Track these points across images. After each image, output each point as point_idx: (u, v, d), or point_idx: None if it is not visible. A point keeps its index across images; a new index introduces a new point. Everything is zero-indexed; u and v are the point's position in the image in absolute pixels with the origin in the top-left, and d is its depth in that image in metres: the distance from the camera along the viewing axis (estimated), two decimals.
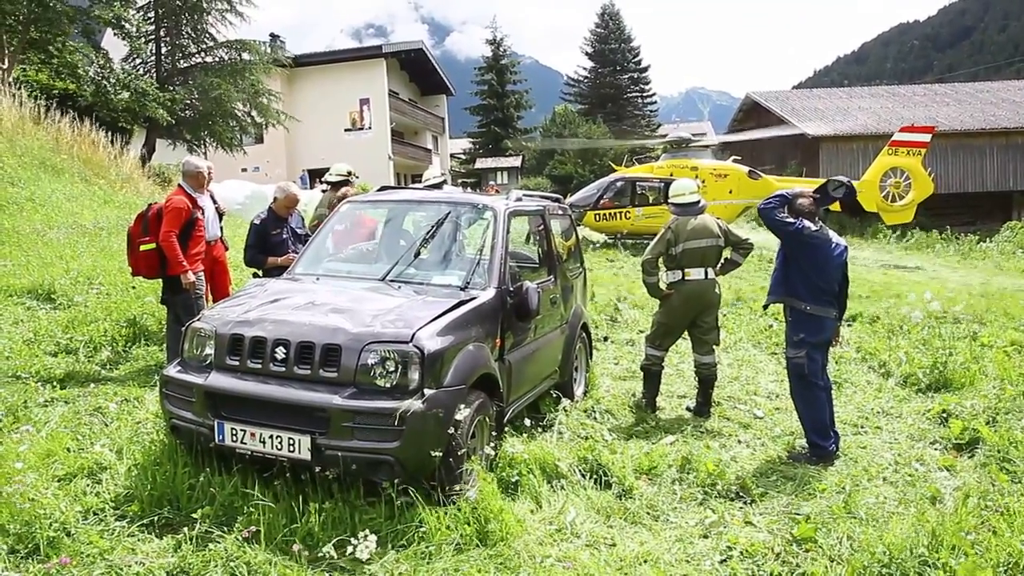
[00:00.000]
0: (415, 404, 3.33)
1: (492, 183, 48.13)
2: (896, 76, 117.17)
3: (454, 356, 3.65)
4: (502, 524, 3.34)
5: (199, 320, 3.90)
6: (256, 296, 4.11)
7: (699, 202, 5.67)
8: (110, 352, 5.98)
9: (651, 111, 59.01)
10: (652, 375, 5.75)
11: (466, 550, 3.19)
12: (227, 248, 6.28)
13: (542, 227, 5.45)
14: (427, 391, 3.42)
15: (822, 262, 4.73)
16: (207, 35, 21.59)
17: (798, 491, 4.20)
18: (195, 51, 21.68)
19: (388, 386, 3.42)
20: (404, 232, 5.29)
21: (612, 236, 18.14)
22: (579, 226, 14.06)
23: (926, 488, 4.21)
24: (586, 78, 57.98)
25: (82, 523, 3.27)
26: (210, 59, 21.75)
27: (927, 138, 18.25)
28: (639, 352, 6.73)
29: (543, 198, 5.87)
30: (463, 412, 3.53)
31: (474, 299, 4.07)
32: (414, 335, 3.50)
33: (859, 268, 15.68)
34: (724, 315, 8.77)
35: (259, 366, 3.56)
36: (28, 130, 14.05)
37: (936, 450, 4.96)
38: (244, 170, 28.30)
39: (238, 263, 6.72)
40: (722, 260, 5.74)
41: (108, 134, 16.73)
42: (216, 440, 3.51)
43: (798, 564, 3.35)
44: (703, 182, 16.21)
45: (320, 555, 3.07)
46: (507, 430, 4.47)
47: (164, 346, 5.90)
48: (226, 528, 3.22)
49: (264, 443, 3.42)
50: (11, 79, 15.41)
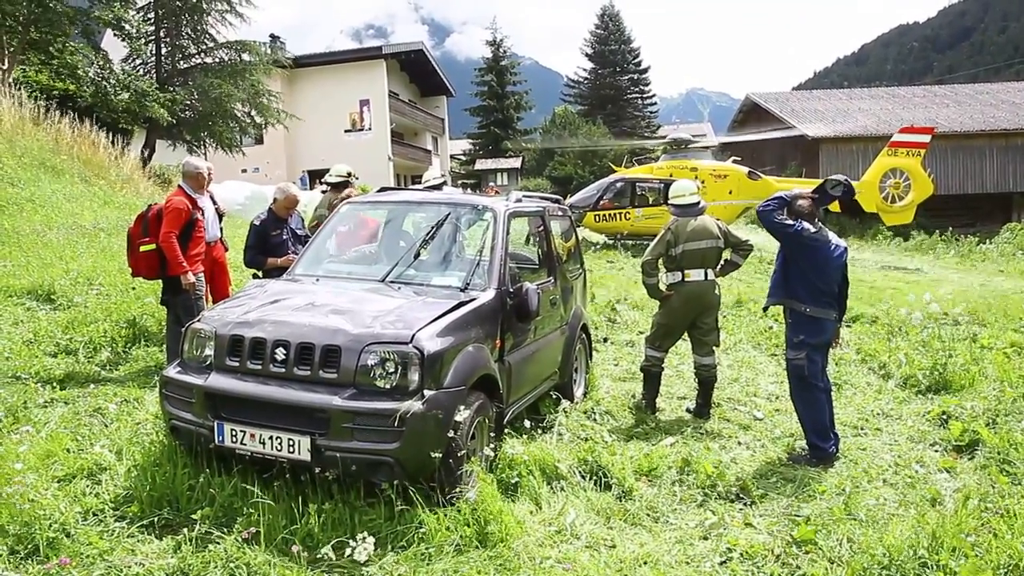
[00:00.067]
0: (415, 405, 3.33)
1: (492, 184, 48.14)
2: (896, 77, 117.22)
3: (454, 357, 3.65)
4: (502, 525, 3.34)
5: (199, 321, 3.90)
6: (256, 297, 4.11)
7: (699, 203, 5.67)
8: (110, 353, 5.99)
9: (651, 112, 59.13)
10: (652, 376, 5.75)
11: (466, 551, 3.19)
12: (227, 249, 6.28)
13: (542, 228, 5.45)
14: (427, 392, 3.42)
15: (822, 264, 4.72)
16: (207, 36, 21.55)
17: (798, 493, 4.20)
18: (195, 52, 21.64)
19: (388, 387, 3.42)
20: (404, 233, 5.30)
21: (612, 237, 18.15)
22: (579, 227, 14.05)
23: (926, 490, 4.22)
24: (586, 79, 58.08)
25: (82, 524, 3.27)
26: (210, 60, 21.72)
27: (927, 139, 18.27)
28: (639, 353, 6.73)
29: (543, 199, 5.87)
30: (463, 413, 3.53)
31: (474, 300, 4.07)
32: (414, 336, 3.50)
33: (859, 269, 15.69)
34: (724, 316, 8.76)
35: (259, 367, 3.56)
36: (28, 131, 14.05)
37: (936, 452, 4.97)
38: (244, 171, 28.33)
39: (238, 264, 6.72)
40: (722, 261, 5.75)
41: (108, 135, 16.72)
42: (216, 441, 3.51)
43: (798, 566, 3.36)
44: (703, 183, 16.22)
45: (319, 556, 3.07)
46: (507, 431, 4.47)
47: (164, 347, 5.90)
48: (226, 529, 3.22)
49: (264, 444, 3.42)
50: (11, 80, 15.42)
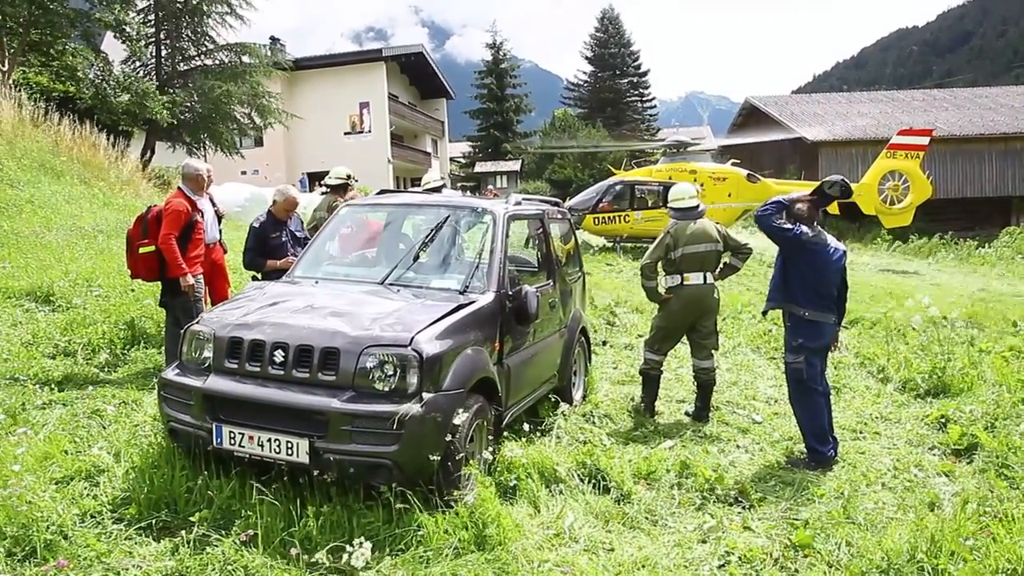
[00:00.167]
0: (413, 408, 3.33)
1: (491, 187, 48.16)
2: (895, 81, 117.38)
3: (453, 360, 3.64)
4: (500, 529, 3.33)
5: (198, 323, 3.90)
6: (255, 299, 4.11)
7: (698, 206, 5.67)
8: (108, 354, 5.98)
9: (651, 115, 59.22)
10: (651, 379, 5.75)
11: (464, 555, 3.18)
12: (226, 251, 6.28)
13: (541, 231, 5.45)
14: (426, 395, 3.42)
15: (821, 267, 4.72)
16: (207, 38, 21.56)
17: (797, 496, 4.20)
18: (195, 54, 21.65)
19: (387, 390, 3.42)
20: (403, 236, 5.30)
21: (611, 240, 18.15)
22: (578, 230, 14.06)
23: (925, 494, 4.21)
24: (586, 82, 58.18)
25: (79, 526, 3.27)
26: (210, 62, 21.73)
27: (925, 141, 18.30)
28: (638, 356, 6.73)
29: (542, 202, 5.87)
30: (461, 416, 3.52)
31: (473, 303, 4.07)
32: (413, 339, 3.50)
33: (858, 273, 15.70)
34: (723, 320, 8.76)
35: (258, 369, 3.56)
36: (28, 132, 14.04)
37: (935, 456, 4.96)
38: (243, 173, 28.36)
39: (237, 266, 6.72)
40: (721, 264, 5.75)
41: (108, 137, 16.72)
42: (214, 443, 3.50)
43: (796, 570, 3.36)
44: (702, 185, 16.23)
45: (315, 562, 3.06)
46: (505, 434, 4.47)
47: (163, 349, 5.90)
48: (224, 531, 3.22)
49: (262, 446, 3.42)
50: (11, 81, 15.42)
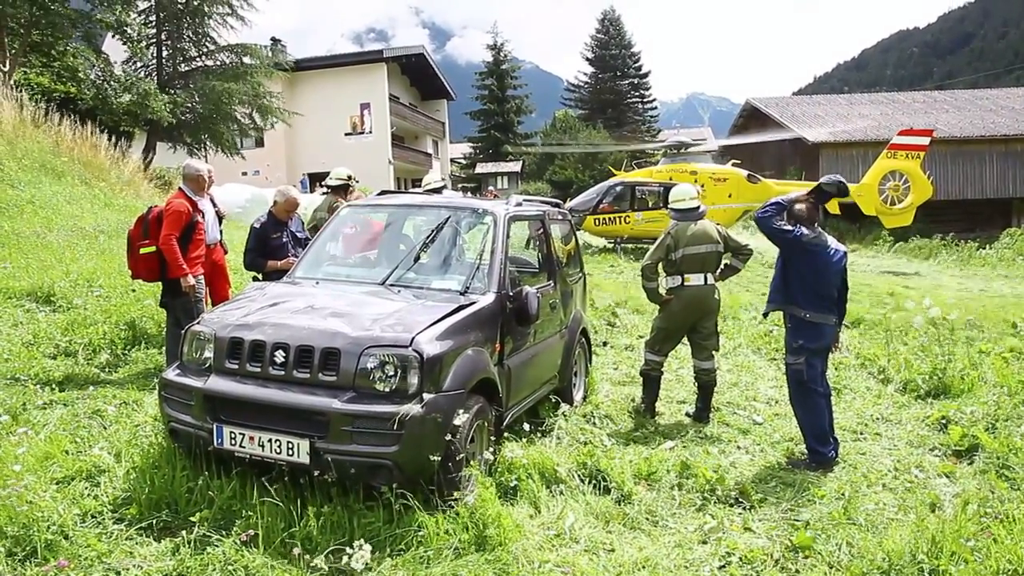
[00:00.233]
0: (414, 408, 3.33)
1: (492, 188, 48.17)
2: (896, 83, 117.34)
3: (453, 360, 3.65)
4: (500, 529, 3.33)
5: (198, 323, 3.90)
6: (255, 300, 4.11)
7: (699, 207, 5.67)
8: (109, 355, 5.98)
9: (651, 116, 59.25)
10: (651, 380, 5.75)
11: (464, 555, 3.18)
12: (227, 252, 6.29)
13: (542, 232, 5.45)
14: (426, 395, 3.42)
15: (821, 268, 4.72)
16: (208, 39, 21.57)
17: (797, 497, 4.20)
18: (196, 55, 21.67)
19: (387, 390, 3.42)
20: (404, 236, 5.30)
21: (612, 240, 18.17)
22: (579, 231, 14.07)
23: (925, 495, 4.21)
24: (586, 83, 58.20)
25: (80, 526, 3.27)
26: (211, 63, 21.76)
27: (926, 141, 18.30)
28: (638, 357, 6.73)
29: (543, 203, 5.88)
30: (462, 417, 3.52)
31: (474, 304, 4.07)
32: (413, 339, 3.50)
33: (858, 274, 15.69)
34: (724, 321, 8.76)
35: (258, 370, 3.56)
36: (29, 133, 14.04)
37: (935, 456, 4.96)
38: (244, 174, 28.37)
39: (238, 267, 6.72)
40: (722, 265, 5.75)
41: (109, 137, 16.73)
42: (215, 443, 3.50)
43: (797, 570, 3.36)
44: (702, 186, 16.25)
45: (314, 565, 3.04)
46: (506, 435, 4.47)
47: (163, 349, 5.90)
48: (224, 532, 3.22)
49: (263, 447, 3.42)
50: (12, 82, 15.43)
